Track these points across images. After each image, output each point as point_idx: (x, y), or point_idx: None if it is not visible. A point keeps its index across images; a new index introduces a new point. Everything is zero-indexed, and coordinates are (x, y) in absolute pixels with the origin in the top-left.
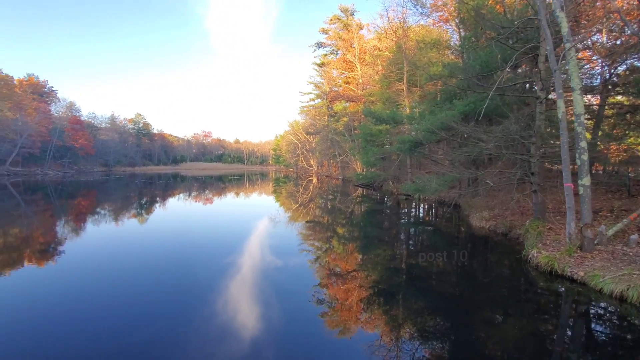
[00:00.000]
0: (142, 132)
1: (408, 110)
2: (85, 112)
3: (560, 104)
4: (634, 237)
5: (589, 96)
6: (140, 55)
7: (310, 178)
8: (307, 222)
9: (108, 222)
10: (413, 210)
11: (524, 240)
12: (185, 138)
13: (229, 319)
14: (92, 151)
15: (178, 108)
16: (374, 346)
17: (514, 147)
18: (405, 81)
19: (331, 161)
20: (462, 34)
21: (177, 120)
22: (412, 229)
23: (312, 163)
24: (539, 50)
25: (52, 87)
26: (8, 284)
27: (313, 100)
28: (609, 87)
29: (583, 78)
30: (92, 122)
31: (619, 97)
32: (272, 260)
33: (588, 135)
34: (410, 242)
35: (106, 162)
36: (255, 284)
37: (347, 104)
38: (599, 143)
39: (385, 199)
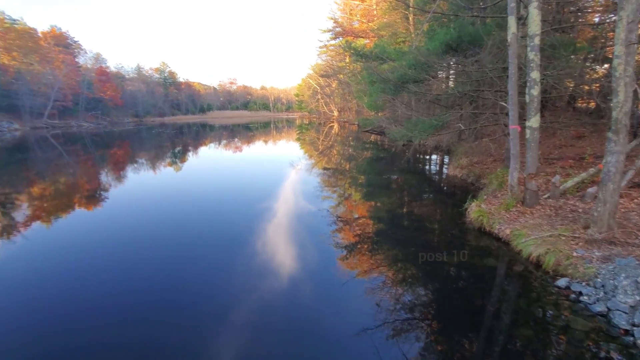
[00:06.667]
0: (169, 82)
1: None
2: (112, 64)
3: (511, 22)
4: (592, 190)
5: None
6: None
7: (332, 124)
8: (324, 169)
9: (145, 171)
10: (411, 157)
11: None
12: (212, 86)
13: (264, 258)
14: (121, 102)
15: (203, 55)
16: (379, 286)
17: (485, 83)
18: (411, 10)
19: (350, 105)
20: None
21: (203, 68)
22: (404, 177)
23: (333, 108)
24: None
25: (74, 38)
26: (61, 225)
27: (333, 38)
28: None
29: None
30: (121, 72)
31: None
32: (296, 206)
33: None
34: (399, 190)
35: (136, 112)
36: (284, 229)
37: (367, 40)
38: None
39: (390, 145)
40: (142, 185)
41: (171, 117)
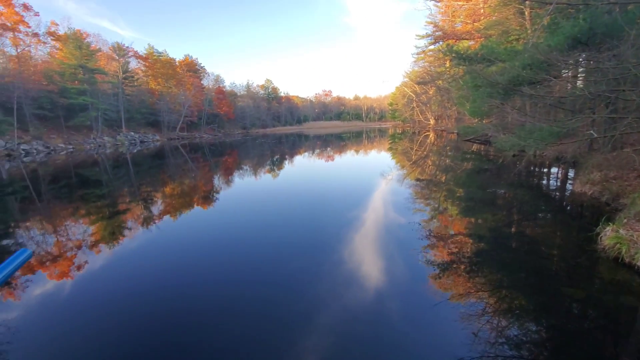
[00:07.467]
0: (271, 96)
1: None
2: (227, 83)
3: None
4: None
5: None
6: (268, 21)
7: (427, 133)
8: (417, 180)
9: (247, 176)
10: (522, 170)
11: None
12: (308, 98)
13: (350, 267)
14: (233, 116)
15: (302, 70)
16: (477, 314)
17: (626, 81)
18: (527, 4)
19: (448, 112)
20: None
21: (300, 81)
22: (513, 192)
23: (429, 116)
24: None
25: (201, 63)
26: (182, 218)
27: (432, 43)
28: None
29: None
30: (234, 90)
31: None
32: (386, 217)
33: None
34: (506, 207)
35: (244, 125)
36: (371, 239)
37: (471, 42)
38: None
39: (496, 156)
40: (244, 189)
41: (272, 128)
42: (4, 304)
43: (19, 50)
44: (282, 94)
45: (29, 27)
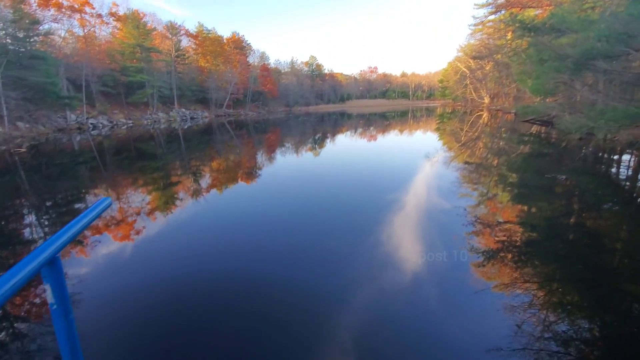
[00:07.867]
0: (315, 74)
1: (615, 8)
2: (272, 60)
3: None
4: None
5: None
6: None
7: (480, 113)
8: (465, 163)
9: (289, 154)
10: (589, 155)
11: None
12: (352, 76)
13: (388, 250)
14: (277, 94)
15: (347, 45)
16: (522, 305)
17: None
18: None
19: (506, 90)
20: None
21: (345, 58)
22: (576, 179)
23: (483, 94)
24: None
25: (247, 40)
26: (227, 192)
27: (493, 12)
28: None
29: None
30: (278, 67)
31: None
32: (428, 201)
33: None
34: (566, 196)
35: (287, 102)
36: (412, 223)
37: (539, 11)
38: None
39: (558, 139)
40: (284, 166)
41: (315, 106)
42: (77, 259)
43: (85, 31)
44: (326, 71)
45: (94, 8)
